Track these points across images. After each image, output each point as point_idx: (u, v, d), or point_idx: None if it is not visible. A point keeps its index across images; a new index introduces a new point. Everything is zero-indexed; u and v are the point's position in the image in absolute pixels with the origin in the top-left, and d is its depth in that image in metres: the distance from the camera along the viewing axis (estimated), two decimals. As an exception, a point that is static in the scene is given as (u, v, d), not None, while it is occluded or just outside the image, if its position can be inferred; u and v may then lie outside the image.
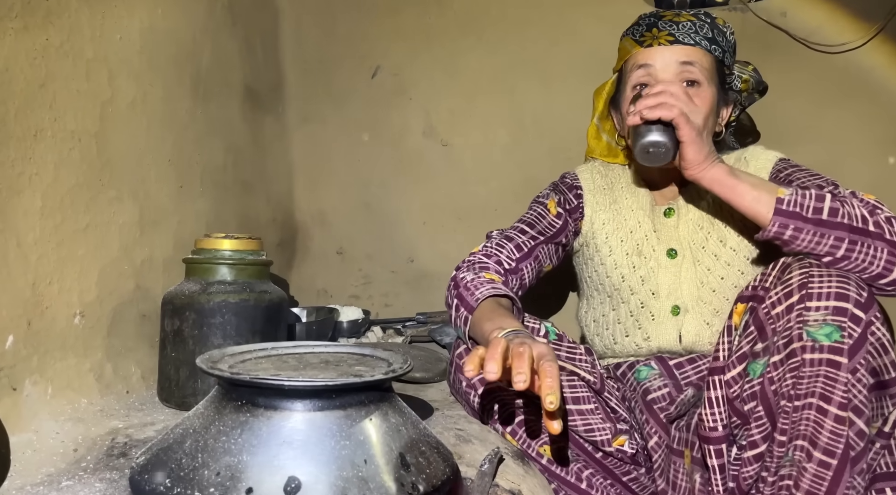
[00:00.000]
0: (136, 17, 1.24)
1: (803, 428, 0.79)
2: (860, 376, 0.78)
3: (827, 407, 0.77)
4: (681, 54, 1.07)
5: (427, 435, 0.78)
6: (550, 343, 1.05)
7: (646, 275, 1.13)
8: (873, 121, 1.62)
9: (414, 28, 1.96)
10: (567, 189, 1.22)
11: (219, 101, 1.58)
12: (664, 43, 1.08)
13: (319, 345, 0.89)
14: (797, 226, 0.87)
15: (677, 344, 1.11)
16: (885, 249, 0.85)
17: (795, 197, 0.90)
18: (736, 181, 0.94)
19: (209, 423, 0.67)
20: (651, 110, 0.94)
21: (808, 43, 1.65)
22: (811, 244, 0.87)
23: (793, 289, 0.83)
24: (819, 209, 0.87)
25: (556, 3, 1.85)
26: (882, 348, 0.80)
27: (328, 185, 2.04)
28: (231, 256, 1.18)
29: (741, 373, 0.89)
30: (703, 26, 1.09)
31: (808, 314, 0.80)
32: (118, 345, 1.17)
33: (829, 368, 0.78)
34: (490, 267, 1.07)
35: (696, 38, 1.09)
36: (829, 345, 0.78)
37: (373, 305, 2.01)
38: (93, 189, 1.12)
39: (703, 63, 1.08)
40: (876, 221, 0.87)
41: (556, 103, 1.84)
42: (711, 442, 0.90)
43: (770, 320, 0.85)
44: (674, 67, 1.07)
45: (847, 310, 0.79)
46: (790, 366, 0.81)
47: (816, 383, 0.78)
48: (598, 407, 1.03)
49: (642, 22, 1.12)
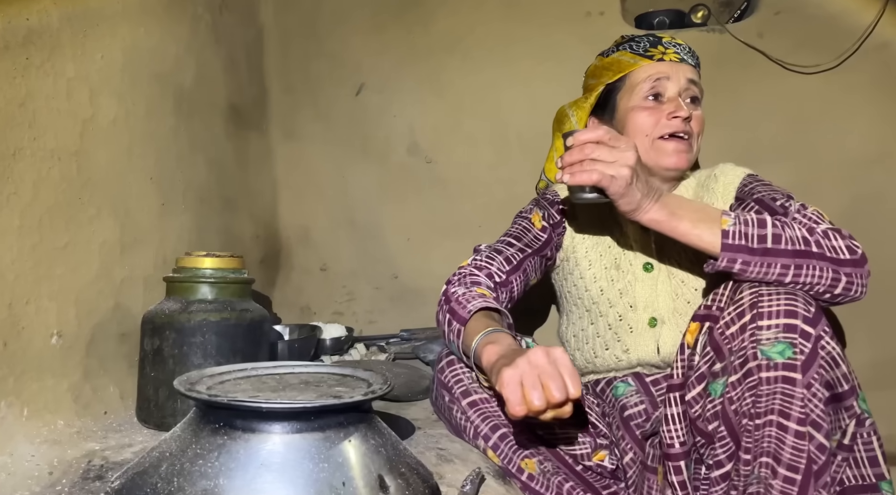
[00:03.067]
0: (119, 36, 1.24)
1: (766, 445, 0.80)
2: (815, 390, 0.79)
3: (786, 423, 0.79)
4: (689, 72, 1.14)
5: (407, 455, 0.78)
6: None
7: (623, 289, 1.15)
8: (849, 139, 1.65)
9: (399, 46, 1.98)
10: (549, 204, 1.23)
11: (202, 118, 1.58)
12: (674, 59, 1.13)
13: (299, 365, 0.89)
14: (745, 260, 0.88)
15: (656, 355, 1.13)
16: (828, 268, 0.87)
17: (738, 227, 0.89)
18: (675, 222, 0.93)
19: (186, 446, 0.67)
20: (572, 178, 0.92)
21: (784, 63, 1.68)
22: (759, 274, 0.88)
23: (744, 309, 0.85)
24: (763, 236, 0.88)
25: (541, 23, 1.88)
26: (833, 361, 0.82)
27: (312, 202, 2.04)
28: (212, 275, 1.17)
29: (701, 393, 0.90)
30: (694, 52, 1.18)
31: (760, 333, 0.82)
32: (97, 365, 1.16)
33: (785, 385, 0.79)
34: (481, 280, 1.07)
35: (694, 61, 1.17)
36: (782, 362, 0.80)
37: (357, 322, 2.00)
38: (72, 208, 1.11)
39: (700, 84, 1.16)
40: (816, 240, 0.88)
41: (541, 121, 1.84)
42: (671, 459, 0.91)
43: (725, 340, 0.87)
44: (683, 83, 1.13)
45: (797, 327, 0.80)
46: (748, 384, 0.82)
47: (774, 400, 0.80)
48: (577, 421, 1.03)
49: (640, 39, 1.17)
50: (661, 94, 1.13)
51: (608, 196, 0.93)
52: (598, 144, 0.91)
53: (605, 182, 0.90)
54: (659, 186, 0.97)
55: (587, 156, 0.90)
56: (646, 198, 0.93)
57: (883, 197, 1.63)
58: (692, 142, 1.13)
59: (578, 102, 1.26)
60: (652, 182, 0.95)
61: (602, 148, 0.90)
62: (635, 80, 1.15)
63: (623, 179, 0.90)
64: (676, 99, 1.13)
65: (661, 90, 1.13)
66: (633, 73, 1.15)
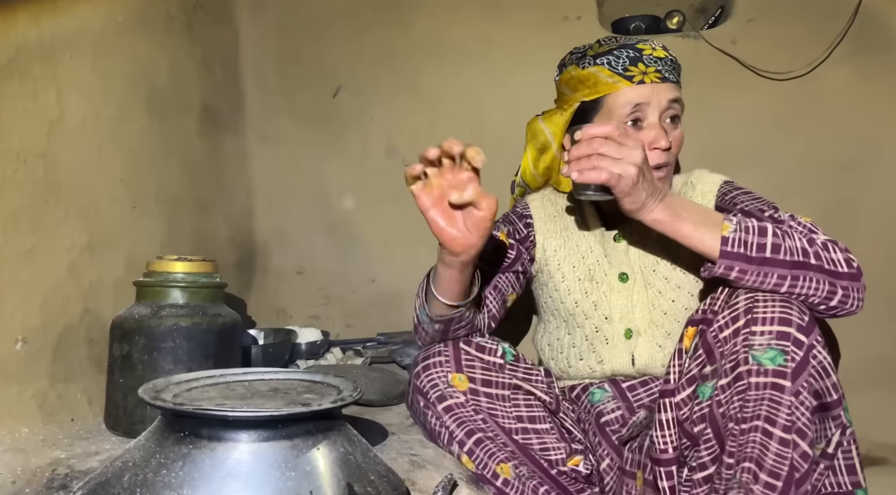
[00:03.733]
0: (88, 35, 1.22)
1: (749, 450, 0.80)
2: (803, 398, 0.80)
3: (772, 429, 0.79)
4: (670, 92, 1.08)
5: (377, 463, 0.77)
6: (507, 364, 1.05)
7: (598, 300, 1.15)
8: (821, 146, 1.68)
9: (376, 48, 1.97)
10: (517, 218, 1.23)
11: (175, 119, 1.55)
12: (655, 80, 1.07)
13: (269, 372, 0.87)
14: (742, 268, 0.88)
15: (630, 367, 1.13)
16: (825, 281, 0.87)
17: (739, 234, 0.89)
18: (679, 223, 0.93)
19: (150, 456, 0.66)
20: (580, 176, 0.91)
21: (758, 70, 1.70)
22: (756, 282, 0.88)
23: (739, 314, 0.85)
24: (763, 245, 0.88)
25: (519, 25, 1.88)
26: (824, 371, 0.83)
27: (288, 204, 2.02)
28: (184, 279, 1.15)
29: (690, 396, 0.90)
30: (675, 62, 1.12)
31: (753, 338, 0.82)
32: (63, 371, 1.13)
33: (774, 392, 0.80)
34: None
35: (676, 76, 1.11)
36: (773, 368, 0.80)
37: (333, 326, 1.98)
38: (39, 210, 1.09)
39: (681, 99, 1.11)
40: (815, 252, 0.89)
41: (520, 125, 1.84)
42: (662, 464, 0.91)
43: (718, 344, 0.87)
44: (664, 105, 1.08)
45: (790, 335, 0.81)
46: (737, 389, 0.82)
47: (762, 406, 0.80)
48: (553, 426, 1.03)
49: (619, 54, 1.10)
50: (641, 120, 1.08)
51: (613, 194, 0.93)
52: (606, 140, 0.90)
53: (613, 181, 0.89)
54: (663, 187, 0.96)
55: (595, 150, 0.90)
56: (651, 198, 0.93)
57: (854, 203, 1.65)
58: (670, 168, 1.11)
59: (553, 117, 1.22)
60: (656, 182, 0.95)
61: (610, 144, 0.90)
62: (613, 105, 1.09)
63: (630, 178, 0.89)
64: (658, 125, 1.08)
65: (641, 116, 1.08)
66: (611, 95, 1.10)
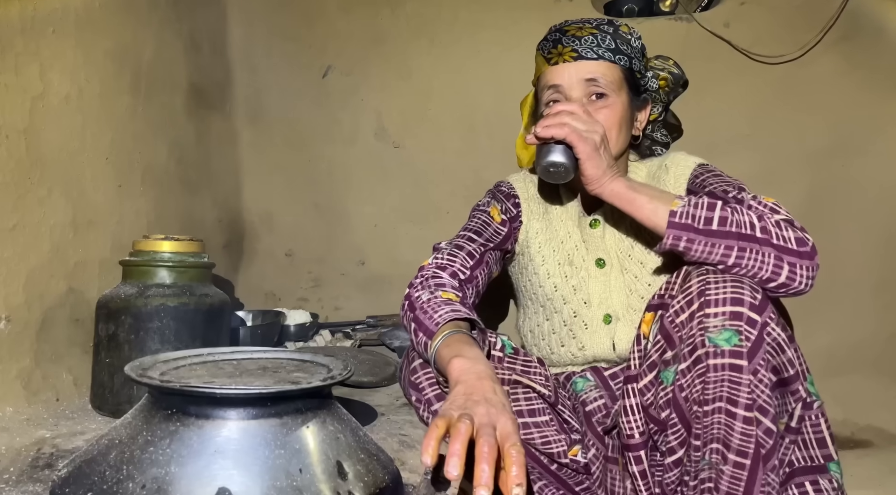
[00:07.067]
0: (71, 10, 1.19)
1: (716, 431, 0.82)
2: (762, 376, 0.81)
3: (734, 409, 0.81)
4: (584, 71, 1.07)
5: (367, 441, 0.77)
6: (507, 356, 1.04)
7: (577, 285, 1.14)
8: (809, 130, 1.68)
9: (366, 29, 1.95)
10: (505, 197, 1.22)
11: (162, 98, 1.53)
12: (568, 60, 1.08)
13: (258, 351, 0.87)
14: (689, 238, 0.90)
15: (611, 352, 1.13)
16: (771, 254, 0.88)
17: (687, 208, 0.92)
18: (634, 194, 0.96)
19: (136, 433, 0.65)
20: (544, 130, 0.94)
21: (749, 53, 1.70)
22: (703, 254, 0.90)
23: (693, 297, 0.86)
24: (710, 219, 0.90)
25: (508, 6, 1.86)
26: (779, 347, 0.84)
27: (277, 186, 2.00)
28: (171, 258, 1.14)
29: (653, 381, 0.91)
30: (605, 38, 1.09)
31: (707, 320, 0.83)
32: (48, 350, 1.12)
33: (732, 372, 0.81)
34: (445, 282, 1.05)
35: (598, 52, 1.08)
36: (729, 349, 0.81)
37: (322, 308, 1.98)
38: (21, 188, 1.07)
39: (609, 75, 1.07)
40: (763, 227, 0.90)
41: (509, 106, 1.83)
42: (631, 449, 0.92)
43: (675, 328, 0.88)
44: (580, 84, 1.07)
45: (743, 314, 0.82)
46: (697, 372, 0.84)
47: (722, 387, 0.81)
48: (552, 419, 1.03)
49: (549, 37, 1.12)
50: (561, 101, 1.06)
51: (576, 158, 0.96)
52: (572, 114, 0.96)
53: (575, 138, 0.93)
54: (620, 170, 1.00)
55: (562, 119, 0.95)
56: (610, 169, 0.97)
57: (840, 188, 1.66)
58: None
59: (523, 101, 1.26)
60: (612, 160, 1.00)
61: (576, 116, 0.96)
62: (541, 87, 1.11)
63: (592, 141, 0.94)
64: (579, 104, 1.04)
65: (559, 98, 1.07)
66: (539, 78, 1.12)
